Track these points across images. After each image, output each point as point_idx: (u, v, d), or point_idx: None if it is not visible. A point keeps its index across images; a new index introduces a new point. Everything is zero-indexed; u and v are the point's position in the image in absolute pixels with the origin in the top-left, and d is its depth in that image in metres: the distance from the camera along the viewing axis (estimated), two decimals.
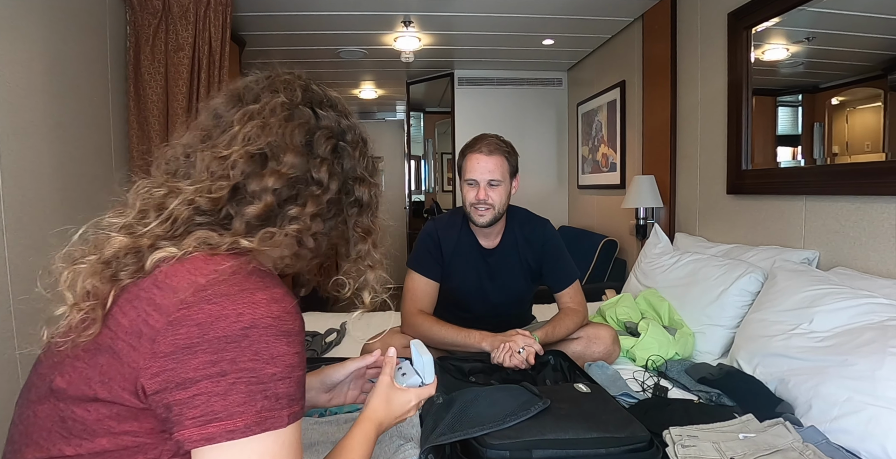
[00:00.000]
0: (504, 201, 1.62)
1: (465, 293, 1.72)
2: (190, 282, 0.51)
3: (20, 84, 1.73)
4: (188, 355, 0.48)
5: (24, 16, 1.75)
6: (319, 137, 0.64)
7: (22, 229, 1.72)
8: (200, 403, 0.48)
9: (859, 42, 1.68)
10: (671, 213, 2.74)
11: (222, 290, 0.51)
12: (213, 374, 0.48)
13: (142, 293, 0.53)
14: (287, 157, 0.60)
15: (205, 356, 0.48)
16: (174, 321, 0.49)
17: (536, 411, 1.03)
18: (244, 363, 0.49)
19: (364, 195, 0.68)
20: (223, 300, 0.50)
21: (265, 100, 0.63)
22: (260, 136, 0.60)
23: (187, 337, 0.49)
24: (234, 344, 0.49)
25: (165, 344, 0.49)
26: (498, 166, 1.58)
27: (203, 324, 0.49)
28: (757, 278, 1.78)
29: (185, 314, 0.49)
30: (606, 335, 1.68)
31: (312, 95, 0.67)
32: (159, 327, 0.50)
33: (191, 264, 0.53)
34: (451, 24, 3.17)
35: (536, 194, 4.31)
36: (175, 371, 0.48)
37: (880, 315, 1.30)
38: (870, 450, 1.09)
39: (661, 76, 2.79)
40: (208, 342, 0.48)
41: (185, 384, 0.48)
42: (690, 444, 1.07)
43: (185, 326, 0.49)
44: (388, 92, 5.22)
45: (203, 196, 0.58)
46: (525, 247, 1.71)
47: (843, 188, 1.66)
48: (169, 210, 0.57)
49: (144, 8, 2.30)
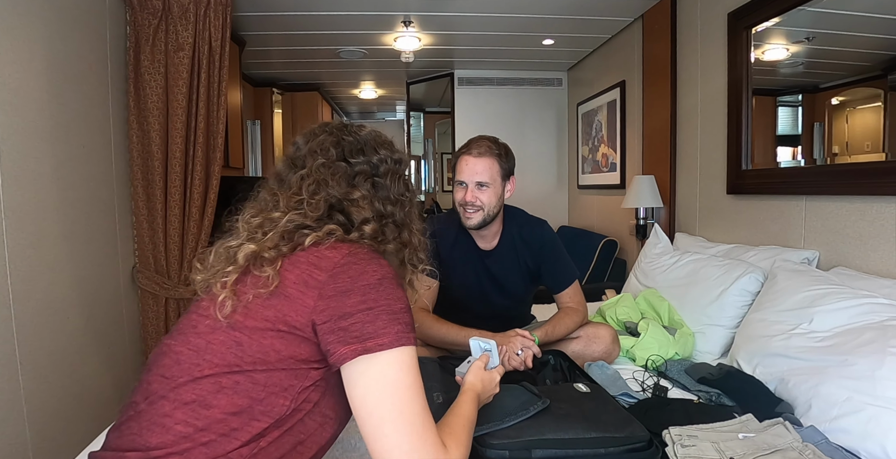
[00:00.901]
0: (494, 204, 1.61)
1: (466, 294, 1.72)
2: (340, 253, 0.76)
3: (20, 84, 1.73)
4: (345, 297, 0.72)
5: (24, 16, 1.75)
6: (358, 180, 0.86)
7: (22, 229, 1.72)
8: (357, 328, 0.70)
9: (859, 42, 1.68)
10: (671, 213, 2.74)
11: (361, 257, 0.76)
12: (364, 309, 0.71)
13: (301, 259, 0.76)
14: (354, 194, 0.84)
15: (357, 297, 0.72)
16: (333, 275, 0.73)
17: (536, 410, 1.03)
18: (382, 301, 0.72)
19: (399, 213, 0.88)
20: (362, 262, 0.75)
21: (310, 164, 0.85)
22: (318, 191, 0.83)
23: (343, 285, 0.72)
24: (374, 289, 0.73)
25: (329, 290, 0.72)
26: (487, 168, 1.58)
27: (353, 277, 0.73)
28: (757, 278, 1.78)
29: (340, 271, 0.74)
30: (606, 335, 1.68)
31: (344, 147, 0.87)
32: (322, 280, 0.73)
33: (335, 244, 0.78)
34: (451, 24, 3.17)
35: (536, 194, 4.32)
36: (337, 308, 0.71)
37: (880, 315, 1.30)
38: (869, 450, 1.09)
39: (661, 76, 2.79)
40: (358, 288, 0.72)
41: (345, 317, 0.71)
42: (690, 444, 1.07)
43: (341, 278, 0.73)
44: (388, 92, 5.23)
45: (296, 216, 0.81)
46: (523, 248, 1.71)
47: (843, 188, 1.66)
48: (279, 224, 0.80)
49: (144, 8, 2.30)
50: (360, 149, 0.88)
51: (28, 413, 1.71)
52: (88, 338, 2.08)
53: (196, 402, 0.69)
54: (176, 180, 2.35)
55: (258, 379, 0.70)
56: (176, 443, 0.67)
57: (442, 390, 1.22)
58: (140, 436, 0.69)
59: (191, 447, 0.67)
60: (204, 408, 0.69)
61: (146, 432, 0.69)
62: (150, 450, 0.67)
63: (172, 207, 2.37)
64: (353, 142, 0.88)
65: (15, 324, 1.68)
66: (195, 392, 0.70)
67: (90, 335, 2.09)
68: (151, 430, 0.69)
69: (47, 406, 1.80)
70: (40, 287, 1.81)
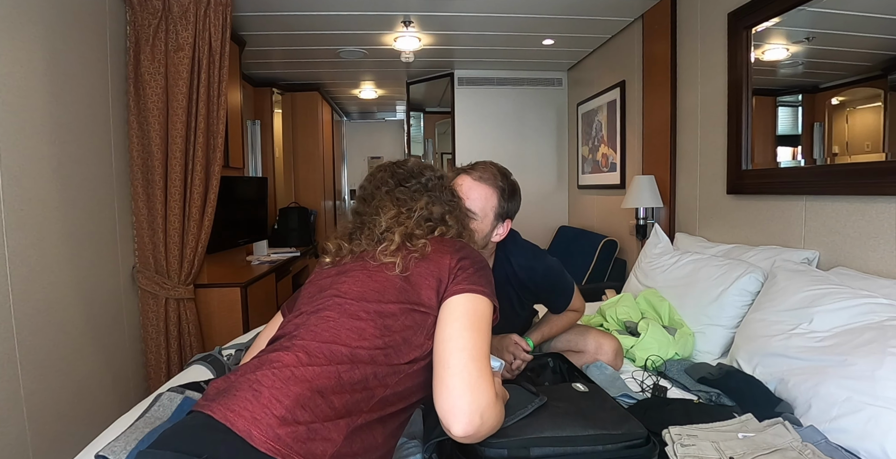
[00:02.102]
0: (478, 239, 1.30)
1: None
2: (454, 241, 1.06)
3: (20, 84, 1.74)
4: (465, 270, 0.97)
5: (24, 16, 1.75)
6: (416, 195, 1.11)
7: (22, 229, 1.73)
8: (473, 279, 0.96)
9: (859, 42, 1.68)
10: (671, 213, 2.74)
11: (469, 248, 1.05)
12: (478, 269, 0.99)
13: (435, 241, 1.03)
14: (434, 210, 1.11)
15: (471, 270, 0.98)
16: (457, 249, 1.01)
17: (533, 408, 1.03)
18: (483, 271, 1.00)
19: (455, 210, 1.14)
20: (470, 251, 1.03)
21: (377, 194, 1.12)
22: (400, 202, 1.10)
23: (464, 263, 0.98)
24: (482, 264, 1.01)
25: (457, 256, 0.99)
26: (481, 198, 1.31)
27: (467, 258, 1.00)
28: (757, 278, 1.78)
29: (463, 254, 1.00)
30: (609, 350, 1.63)
31: (399, 177, 1.13)
32: (452, 263, 0.98)
33: (446, 239, 1.06)
34: (451, 24, 3.17)
35: (536, 194, 4.32)
36: (464, 267, 0.98)
37: (880, 315, 1.30)
38: (869, 450, 1.09)
39: (661, 76, 2.79)
40: (472, 265, 0.99)
41: (467, 270, 0.97)
42: (690, 443, 1.08)
43: (462, 251, 1.01)
44: (388, 92, 5.23)
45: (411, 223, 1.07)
46: (517, 283, 1.51)
47: (843, 188, 1.66)
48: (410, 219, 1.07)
49: (144, 8, 2.31)
50: (411, 175, 1.14)
51: (28, 412, 1.71)
52: (88, 338, 2.08)
53: (384, 325, 0.89)
54: (176, 180, 2.35)
55: (416, 318, 0.92)
56: (372, 347, 0.86)
57: None
58: (339, 335, 0.87)
59: (381, 353, 0.86)
60: (388, 330, 0.89)
61: (344, 334, 0.87)
62: (355, 348, 0.85)
63: (172, 207, 2.37)
64: (404, 172, 1.14)
65: (15, 324, 1.68)
66: (382, 309, 0.92)
67: (90, 335, 2.09)
68: (350, 335, 0.87)
69: (47, 406, 1.80)
70: (40, 287, 1.81)
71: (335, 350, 0.85)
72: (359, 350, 0.85)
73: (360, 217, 1.12)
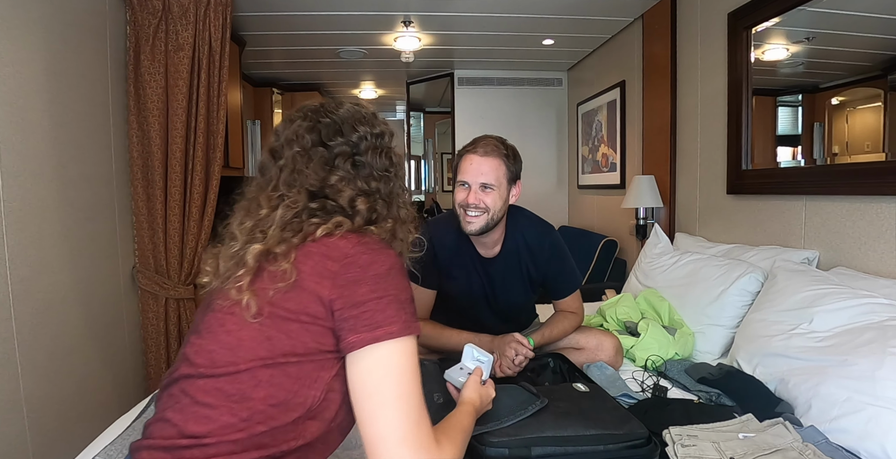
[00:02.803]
0: (499, 208, 1.48)
1: (467, 303, 1.66)
2: (350, 243, 0.78)
3: (20, 84, 1.73)
4: (357, 286, 0.74)
5: (23, 16, 1.75)
6: (338, 162, 0.85)
7: (22, 229, 1.73)
8: (368, 316, 0.72)
9: (859, 42, 1.68)
10: (671, 213, 2.74)
11: (370, 247, 0.78)
12: (374, 298, 0.73)
13: (313, 250, 0.77)
14: (331, 180, 0.84)
15: (367, 286, 0.74)
16: (345, 265, 0.75)
17: (534, 410, 1.03)
18: (391, 290, 0.75)
19: (384, 189, 0.88)
20: (372, 252, 0.77)
21: (287, 154, 0.85)
22: (294, 182, 0.83)
23: (355, 274, 0.74)
24: (383, 278, 0.75)
25: (341, 280, 0.74)
26: (492, 169, 1.46)
27: (363, 266, 0.75)
28: (757, 278, 1.78)
29: (350, 261, 0.75)
30: (609, 347, 1.65)
31: (320, 131, 0.85)
32: (335, 270, 0.75)
33: (345, 234, 0.79)
34: (451, 24, 3.17)
35: (536, 194, 4.32)
36: (350, 297, 0.73)
37: (880, 315, 1.30)
38: (869, 450, 1.09)
39: (661, 76, 2.79)
40: (369, 277, 0.74)
41: (357, 305, 0.73)
42: (690, 444, 1.08)
43: (352, 268, 0.75)
44: (388, 92, 5.23)
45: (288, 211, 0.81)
46: (527, 257, 1.60)
47: (843, 188, 1.66)
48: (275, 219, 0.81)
49: (144, 8, 2.30)
50: (338, 130, 0.86)
51: (28, 412, 1.71)
52: (88, 338, 2.08)
53: (237, 395, 0.73)
54: (176, 180, 2.35)
55: (291, 372, 0.73)
56: (223, 432, 0.71)
57: (442, 391, 1.22)
58: (186, 426, 0.72)
59: (242, 437, 0.71)
60: (245, 401, 0.73)
61: (192, 423, 0.72)
62: (201, 438, 0.71)
63: (172, 207, 2.37)
64: (330, 123, 0.86)
65: (15, 324, 1.68)
66: (235, 387, 0.73)
67: (90, 335, 2.09)
68: (197, 421, 0.72)
69: (47, 406, 1.80)
70: (40, 287, 1.81)
71: (181, 448, 0.71)
72: (210, 447, 0.70)
73: (248, 203, 0.87)
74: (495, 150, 1.48)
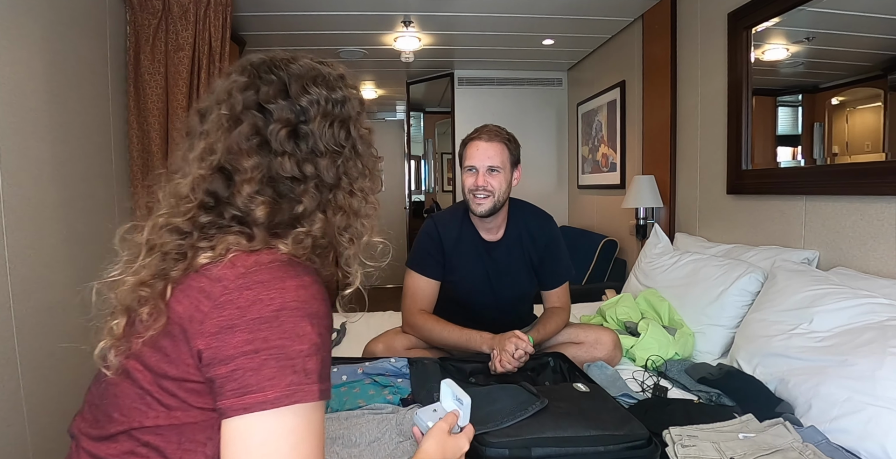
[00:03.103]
0: (504, 190, 1.60)
1: (470, 289, 1.70)
2: (233, 272, 0.58)
3: (20, 84, 1.73)
4: (229, 334, 0.55)
5: (24, 16, 1.75)
6: (272, 132, 0.64)
7: (22, 229, 1.72)
8: (238, 377, 0.54)
9: (859, 42, 1.68)
10: (671, 213, 2.74)
11: (258, 278, 0.57)
12: (248, 351, 0.54)
13: (192, 283, 0.60)
14: (245, 162, 0.63)
15: (242, 335, 0.54)
16: (218, 304, 0.56)
17: (534, 411, 1.03)
18: (275, 341, 0.54)
19: (329, 171, 0.67)
20: (258, 286, 0.57)
21: (212, 116, 0.66)
22: (214, 151, 0.65)
23: (229, 319, 0.55)
24: (267, 324, 0.55)
25: (211, 325, 0.56)
26: (498, 153, 1.59)
27: (242, 307, 0.55)
28: (757, 278, 1.78)
29: (227, 299, 0.56)
30: (608, 341, 1.67)
31: (259, 89, 0.66)
32: (206, 310, 0.57)
33: (235, 258, 0.60)
34: (451, 24, 3.17)
35: (536, 194, 4.31)
36: (218, 349, 0.55)
37: (880, 315, 1.30)
38: (869, 450, 1.09)
39: (661, 76, 2.79)
40: (246, 322, 0.55)
41: (225, 360, 0.54)
42: (690, 444, 1.08)
43: (227, 309, 0.56)
44: (388, 92, 5.22)
45: (173, 221, 0.64)
46: (528, 242, 1.70)
47: (843, 188, 1.66)
48: (148, 242, 0.65)
49: (144, 8, 2.31)
50: (283, 89, 0.66)
51: (28, 412, 1.71)
52: (88, 338, 2.07)
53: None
54: None
55: (170, 438, 0.59)
56: None
57: None
58: None
59: None
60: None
61: None
62: None
63: None
64: (275, 81, 0.66)
65: (15, 324, 1.68)
66: (110, 451, 0.60)
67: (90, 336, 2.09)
68: None
69: (47, 406, 1.80)
70: (40, 287, 1.81)
71: None
72: None
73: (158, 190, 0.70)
74: (498, 135, 1.61)
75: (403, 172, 5.79)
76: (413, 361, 1.45)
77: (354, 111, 0.70)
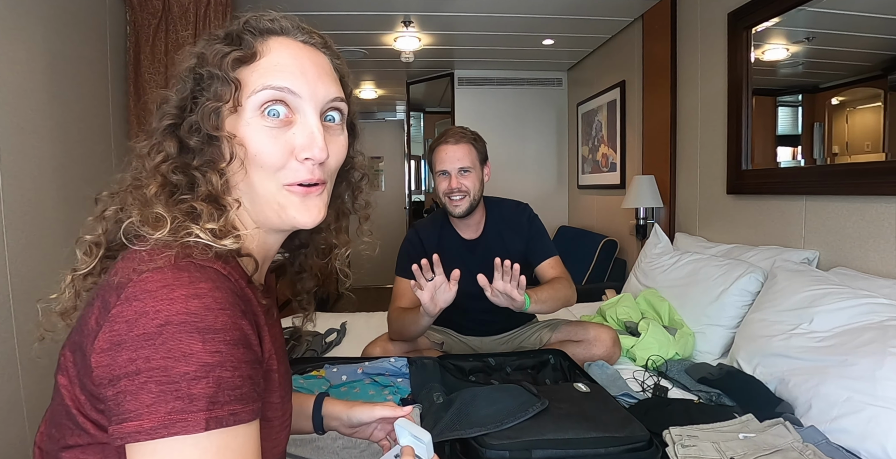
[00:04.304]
0: (478, 188, 1.66)
1: (459, 289, 1.68)
2: (126, 278, 0.51)
3: (20, 84, 1.73)
4: (118, 351, 0.48)
5: (24, 16, 1.75)
6: (186, 78, 0.62)
7: (22, 229, 1.72)
8: (120, 401, 0.47)
9: (859, 42, 1.68)
10: (671, 213, 2.74)
11: (147, 287, 0.50)
12: (130, 372, 0.47)
13: (101, 289, 0.54)
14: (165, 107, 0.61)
15: (127, 353, 0.47)
16: (111, 317, 0.49)
17: (534, 412, 1.03)
18: (156, 361, 0.47)
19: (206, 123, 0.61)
20: (146, 296, 0.49)
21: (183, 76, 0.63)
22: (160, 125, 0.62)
23: (118, 334, 0.48)
24: (150, 342, 0.47)
25: (102, 340, 0.49)
26: (466, 154, 1.63)
27: (130, 321, 0.48)
28: (757, 278, 1.78)
29: (118, 311, 0.49)
30: (607, 338, 1.68)
31: (203, 51, 0.63)
32: (102, 322, 0.50)
33: (138, 258, 0.53)
34: (451, 24, 3.17)
35: (536, 194, 4.31)
36: (108, 368, 0.48)
37: (880, 315, 1.30)
38: (870, 450, 1.09)
39: (661, 76, 2.79)
40: (132, 339, 0.48)
41: (112, 382, 0.48)
42: (690, 444, 1.08)
43: (117, 322, 0.49)
44: (388, 92, 5.22)
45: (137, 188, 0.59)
46: (509, 232, 1.73)
47: (843, 188, 1.66)
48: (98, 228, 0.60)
49: (144, 8, 2.31)
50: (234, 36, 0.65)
51: (28, 412, 1.71)
52: None
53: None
54: None
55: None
56: None
57: (442, 390, 1.22)
58: None
59: None
60: None
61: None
62: None
63: None
64: (235, 28, 0.66)
65: (15, 324, 1.68)
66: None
67: None
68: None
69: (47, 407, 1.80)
70: (40, 287, 1.81)
71: None
72: None
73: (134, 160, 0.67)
74: (464, 136, 1.66)
75: (403, 172, 5.79)
76: (412, 360, 1.45)
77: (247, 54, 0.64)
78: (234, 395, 0.49)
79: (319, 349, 1.89)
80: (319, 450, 1.09)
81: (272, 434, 0.62)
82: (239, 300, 0.53)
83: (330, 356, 1.86)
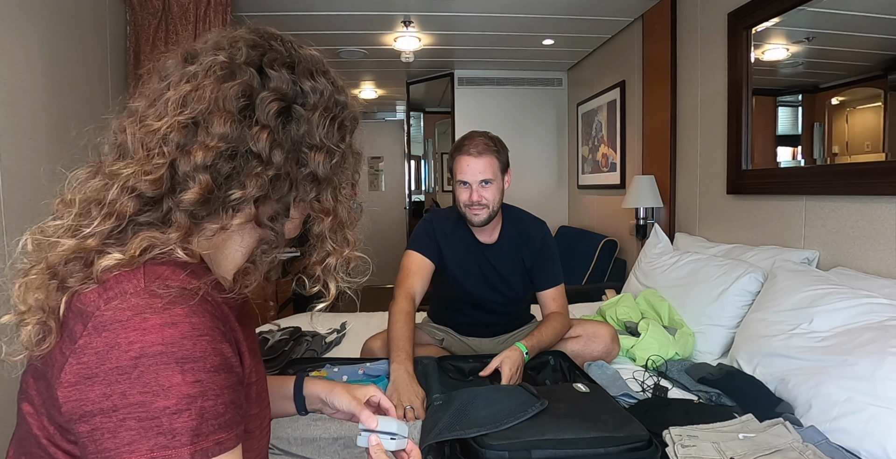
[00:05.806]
0: (498, 199, 1.63)
1: (467, 286, 1.69)
2: (95, 305, 0.48)
3: (20, 84, 1.73)
4: (88, 386, 0.45)
5: (24, 16, 1.75)
6: (263, 100, 0.55)
7: (22, 230, 1.72)
8: (96, 439, 0.45)
9: (859, 42, 1.68)
10: (671, 213, 2.74)
11: (117, 315, 0.46)
12: (106, 409, 0.45)
13: (63, 314, 0.50)
14: (216, 126, 0.53)
15: (100, 388, 0.45)
16: (78, 348, 0.46)
17: (534, 412, 1.03)
18: (133, 396, 0.44)
19: (319, 167, 0.58)
20: (117, 326, 0.46)
21: (204, 60, 0.56)
22: (190, 102, 0.54)
23: (87, 367, 0.45)
24: (125, 376, 0.45)
25: (70, 373, 0.46)
26: (488, 166, 1.59)
27: (100, 353, 0.45)
28: (757, 278, 1.78)
29: (86, 342, 0.46)
30: (605, 334, 1.68)
31: (266, 53, 0.58)
32: (68, 354, 0.47)
33: (106, 283, 0.49)
34: (451, 24, 3.17)
35: (536, 194, 4.31)
36: (78, 403, 0.45)
37: (880, 315, 1.30)
38: (869, 450, 1.09)
39: (661, 76, 2.79)
40: (104, 373, 0.45)
41: (85, 418, 0.45)
42: (690, 444, 1.07)
43: (86, 354, 0.46)
44: (388, 92, 5.22)
45: (141, 179, 0.52)
46: (522, 246, 1.71)
47: (843, 188, 1.66)
48: (109, 203, 0.53)
49: (144, 8, 2.31)
50: (289, 64, 0.59)
51: None
52: None
53: None
54: None
55: None
56: None
57: (441, 390, 1.22)
58: None
59: None
60: None
61: None
62: None
63: None
64: (283, 53, 0.59)
65: None
66: None
67: None
68: None
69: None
70: None
71: None
72: None
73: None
74: (487, 148, 1.60)
75: (403, 172, 5.79)
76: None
77: (351, 121, 0.64)
78: (218, 423, 0.47)
79: (319, 349, 1.89)
80: (319, 450, 1.09)
81: (254, 445, 0.61)
82: (217, 321, 0.50)
83: (329, 356, 1.86)
